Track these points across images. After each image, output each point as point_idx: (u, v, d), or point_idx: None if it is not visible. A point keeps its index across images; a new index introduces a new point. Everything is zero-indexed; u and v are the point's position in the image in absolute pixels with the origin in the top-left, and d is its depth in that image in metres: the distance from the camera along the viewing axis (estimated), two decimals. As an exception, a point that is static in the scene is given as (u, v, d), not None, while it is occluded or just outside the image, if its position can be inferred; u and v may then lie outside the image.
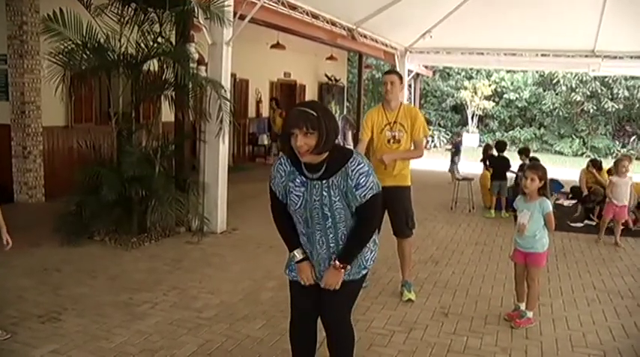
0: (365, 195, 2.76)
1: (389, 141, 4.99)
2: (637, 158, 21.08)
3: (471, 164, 13.40)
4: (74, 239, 6.34)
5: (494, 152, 10.06)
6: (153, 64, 6.91)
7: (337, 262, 2.87)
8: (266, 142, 14.81)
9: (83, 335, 4.10)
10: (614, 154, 21.36)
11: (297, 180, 2.84)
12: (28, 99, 8.24)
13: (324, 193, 2.78)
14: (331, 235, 2.89)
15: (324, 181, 2.78)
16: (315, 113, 2.63)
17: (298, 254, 2.99)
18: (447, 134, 25.39)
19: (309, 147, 2.64)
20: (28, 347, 3.88)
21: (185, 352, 3.93)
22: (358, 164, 2.75)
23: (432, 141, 23.53)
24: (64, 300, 4.76)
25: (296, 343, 3.20)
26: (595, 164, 9.66)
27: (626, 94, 23.32)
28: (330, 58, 17.09)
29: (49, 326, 4.24)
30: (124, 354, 3.85)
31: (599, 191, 9.04)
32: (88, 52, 6.30)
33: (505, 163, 9.61)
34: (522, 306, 4.74)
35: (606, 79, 23.06)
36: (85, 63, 6.35)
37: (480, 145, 22.93)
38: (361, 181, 2.73)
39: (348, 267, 2.89)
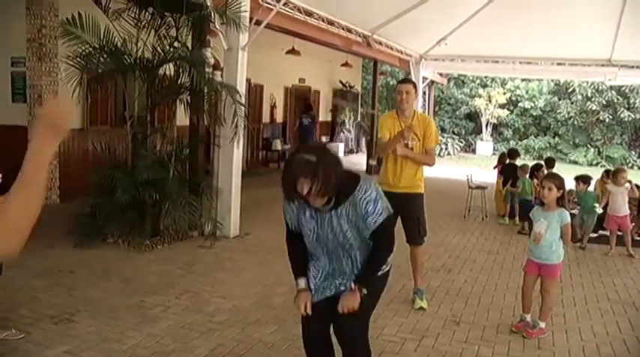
0: (376, 221, 2.74)
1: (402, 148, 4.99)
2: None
3: (485, 172, 13.33)
4: (88, 241, 6.38)
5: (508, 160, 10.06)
6: (169, 69, 6.96)
7: (354, 285, 2.85)
8: (279, 148, 14.84)
9: (95, 337, 4.13)
10: (630, 165, 21.18)
11: (307, 213, 2.83)
12: (45, 101, 8.32)
13: (335, 225, 2.78)
14: (349, 261, 2.91)
15: (333, 212, 2.77)
16: (316, 160, 2.57)
17: (301, 283, 2.98)
18: (461, 142, 25.30)
19: (317, 192, 2.59)
20: (40, 347, 3.92)
21: (197, 355, 3.95)
22: (365, 192, 2.72)
23: (446, 149, 23.45)
24: (77, 301, 4.79)
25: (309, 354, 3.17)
26: (609, 175, 9.58)
27: (643, 103, 23.11)
28: (345, 64, 17.11)
29: (62, 327, 4.27)
30: (135, 356, 3.88)
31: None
32: (105, 56, 6.36)
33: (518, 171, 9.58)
34: (528, 317, 4.70)
35: (623, 89, 22.86)
36: (101, 66, 6.42)
37: (494, 153, 22.84)
38: (369, 209, 2.71)
39: (364, 290, 2.84)
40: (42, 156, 1.51)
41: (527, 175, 9.31)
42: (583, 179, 8.65)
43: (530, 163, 10.19)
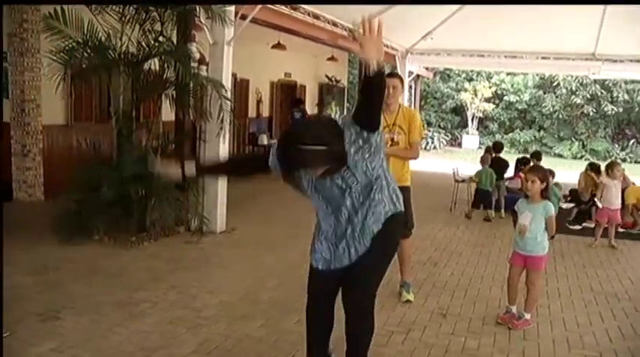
0: (390, 212, 2.99)
1: (387, 143, 5.01)
2: (636, 162, 21.14)
3: (471, 166, 13.40)
4: (74, 238, 6.33)
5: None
6: (154, 63, 6.92)
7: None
8: (266, 142, 14.81)
9: (82, 334, 4.11)
10: (613, 158, 21.37)
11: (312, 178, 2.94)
12: (28, 97, 8.25)
13: (340, 191, 2.90)
14: (350, 235, 2.98)
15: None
16: (323, 148, 2.61)
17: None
18: (447, 136, 25.40)
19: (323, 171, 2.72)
20: (26, 345, 3.89)
21: (184, 351, 3.94)
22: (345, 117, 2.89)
23: (432, 142, 23.54)
24: (63, 298, 4.76)
25: (311, 325, 3.25)
26: (593, 168, 9.69)
27: (626, 97, 23.36)
28: (331, 58, 17.09)
29: (48, 324, 4.25)
30: (122, 353, 3.86)
31: (588, 188, 9.14)
32: (88, 51, 6.30)
33: (503, 164, 9.67)
34: (513, 309, 4.74)
35: (606, 83, 23.10)
36: (85, 61, 6.35)
37: (479, 147, 22.97)
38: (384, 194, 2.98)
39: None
40: None
41: (488, 166, 9.49)
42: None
43: (516, 157, 10.31)
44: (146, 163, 6.60)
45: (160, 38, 6.67)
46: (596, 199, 8.01)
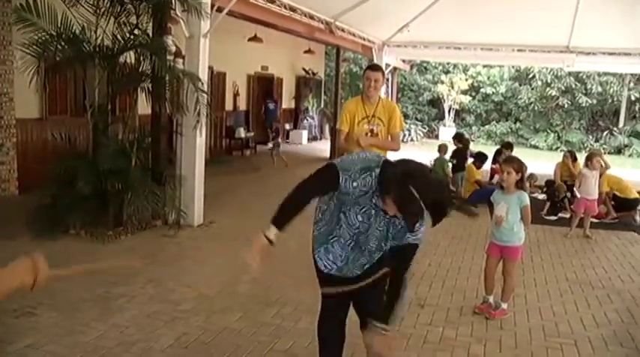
0: (410, 239, 2.71)
1: (366, 134, 5.03)
2: (609, 153, 21.44)
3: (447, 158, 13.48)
4: (49, 233, 6.24)
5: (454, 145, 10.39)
6: (129, 57, 6.85)
7: (382, 326, 2.72)
8: (243, 135, 14.77)
9: (59, 329, 4.08)
10: (587, 149, 21.66)
11: (374, 200, 2.64)
12: (0, 91, 8.11)
13: (384, 225, 2.71)
14: (369, 249, 2.84)
15: (387, 217, 2.66)
16: (418, 196, 2.38)
17: (271, 234, 2.67)
18: (424, 128, 25.53)
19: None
20: (2, 343, 3.84)
21: (162, 344, 3.93)
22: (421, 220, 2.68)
23: (409, 135, 23.63)
24: (39, 294, 4.68)
25: (326, 337, 3.21)
26: (572, 155, 9.86)
27: (600, 89, 23.64)
28: (308, 51, 17.07)
29: (24, 321, 4.20)
30: (100, 348, 3.84)
31: (562, 188, 9.25)
32: (62, 43, 6.20)
33: (461, 155, 9.87)
34: (490, 299, 4.80)
35: (580, 75, 23.36)
36: (59, 54, 6.26)
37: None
38: (420, 229, 2.70)
39: (395, 326, 2.81)
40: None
41: (443, 154, 9.71)
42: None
43: (493, 148, 10.45)
44: (122, 156, 6.55)
45: (136, 31, 6.59)
46: (575, 189, 8.10)
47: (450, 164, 10.04)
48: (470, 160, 10.49)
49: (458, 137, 10.82)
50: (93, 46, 6.42)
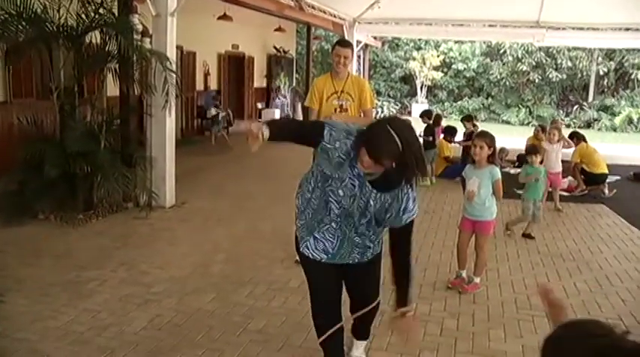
0: (407, 219, 2.71)
1: (336, 110, 5.01)
2: (579, 127, 21.73)
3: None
4: (17, 218, 6.13)
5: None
6: (95, 36, 6.69)
7: (405, 309, 2.77)
8: (214, 114, 14.61)
9: (28, 316, 4.01)
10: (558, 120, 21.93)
11: (356, 170, 2.61)
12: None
13: (371, 201, 2.66)
14: (358, 233, 2.83)
15: (374, 192, 2.65)
16: (400, 145, 2.38)
17: (266, 133, 2.49)
18: (397, 105, 25.58)
19: (375, 170, 2.54)
20: (-30, 330, 3.77)
21: (135, 327, 3.89)
22: (411, 190, 2.65)
23: (382, 112, 23.66)
24: (7, 281, 4.60)
25: (323, 324, 3.04)
26: (543, 129, 9.96)
27: (569, 64, 23.93)
28: (279, 29, 16.89)
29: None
30: (71, 332, 3.79)
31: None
32: (23, 23, 6.03)
33: (433, 132, 9.90)
34: (463, 273, 4.84)
35: (550, 50, 23.59)
36: (21, 34, 6.08)
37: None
38: (409, 206, 2.67)
39: (414, 305, 2.84)
40: None
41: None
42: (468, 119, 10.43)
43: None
44: (91, 139, 6.43)
45: (101, 10, 6.43)
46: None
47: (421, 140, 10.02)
48: (441, 136, 10.53)
49: (427, 114, 10.78)
50: (56, 26, 6.25)
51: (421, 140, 9.44)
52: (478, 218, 4.71)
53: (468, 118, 11.00)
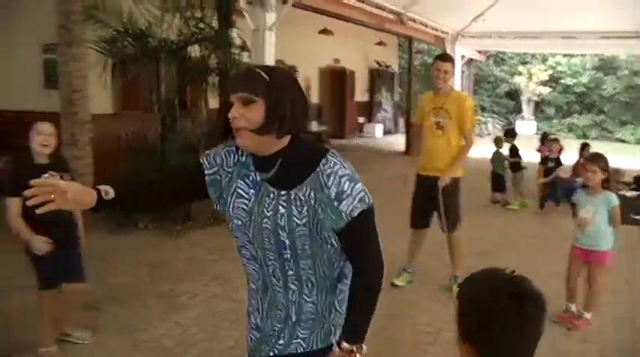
0: (352, 210, 1.70)
1: (432, 127, 4.81)
2: None
3: (526, 152, 12.91)
4: (120, 227, 6.33)
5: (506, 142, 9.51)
6: (194, 51, 6.83)
7: (345, 344, 1.75)
8: (315, 129, 14.66)
9: (123, 325, 4.06)
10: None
11: (250, 178, 1.83)
12: (75, 87, 8.24)
13: (281, 209, 1.75)
14: (291, 280, 1.84)
15: (282, 193, 1.76)
16: (267, 76, 1.69)
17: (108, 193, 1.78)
18: (501, 121, 24.75)
19: (247, 122, 1.68)
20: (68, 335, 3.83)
21: (224, 345, 3.83)
22: (334, 165, 1.72)
23: (486, 128, 22.94)
24: (104, 289, 4.70)
25: None
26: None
27: (693, 78, 22.25)
28: (380, 43, 16.79)
29: (90, 315, 4.18)
30: (161, 347, 3.79)
31: None
32: (129, 39, 6.24)
33: (515, 153, 9.23)
34: (573, 307, 4.41)
35: (672, 62, 22.06)
36: (128, 50, 6.30)
37: (537, 133, 22.20)
38: (345, 188, 1.70)
39: (364, 347, 1.77)
40: None
41: (500, 148, 9.21)
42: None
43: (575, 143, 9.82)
44: (190, 151, 6.53)
45: (201, 25, 6.56)
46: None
47: (507, 162, 9.25)
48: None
49: (510, 134, 9.82)
50: (158, 41, 6.42)
51: (506, 163, 9.03)
52: (593, 248, 4.29)
53: (553, 139, 9.43)
